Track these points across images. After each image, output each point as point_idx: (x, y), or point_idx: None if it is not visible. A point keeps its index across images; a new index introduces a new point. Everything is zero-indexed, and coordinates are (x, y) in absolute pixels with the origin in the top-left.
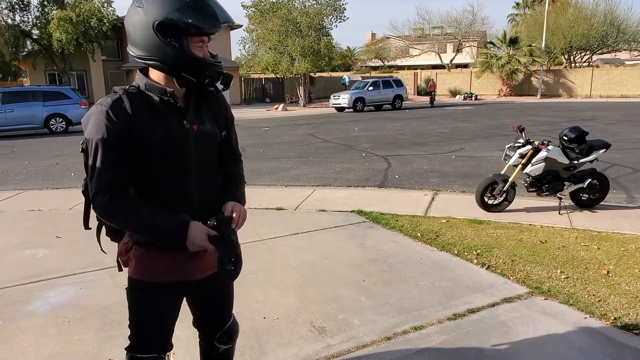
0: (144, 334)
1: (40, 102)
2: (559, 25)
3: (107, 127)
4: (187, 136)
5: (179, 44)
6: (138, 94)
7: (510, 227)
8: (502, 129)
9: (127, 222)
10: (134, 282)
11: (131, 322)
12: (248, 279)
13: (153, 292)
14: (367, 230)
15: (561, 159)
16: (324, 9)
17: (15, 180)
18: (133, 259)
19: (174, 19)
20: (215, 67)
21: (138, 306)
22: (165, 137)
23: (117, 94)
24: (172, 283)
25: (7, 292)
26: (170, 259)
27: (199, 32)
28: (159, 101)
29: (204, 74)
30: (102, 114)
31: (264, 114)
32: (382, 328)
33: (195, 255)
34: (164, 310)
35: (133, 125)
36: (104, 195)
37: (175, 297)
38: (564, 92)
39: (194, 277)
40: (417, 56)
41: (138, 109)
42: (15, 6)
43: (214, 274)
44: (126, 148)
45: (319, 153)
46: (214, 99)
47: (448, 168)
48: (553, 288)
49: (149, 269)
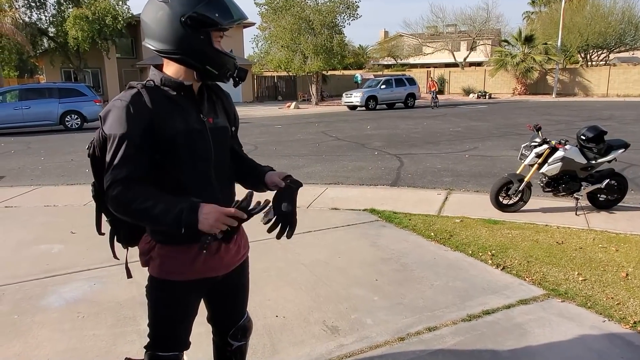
0: (166, 332)
1: (56, 99)
2: (575, 23)
3: (128, 121)
4: (205, 129)
5: (207, 38)
6: (155, 88)
7: (525, 227)
8: (517, 128)
9: (138, 210)
10: (157, 282)
11: (152, 321)
12: (261, 277)
13: (178, 291)
14: (380, 229)
15: (579, 158)
16: (337, 7)
17: (32, 176)
18: (157, 257)
19: (203, 13)
20: (234, 60)
21: (162, 305)
22: (186, 130)
23: (135, 89)
24: (196, 280)
25: (24, 286)
26: (195, 256)
27: (221, 27)
28: (177, 95)
29: (225, 67)
30: (123, 108)
31: (276, 111)
32: (395, 328)
33: (217, 252)
34: (187, 308)
35: (154, 120)
36: (116, 187)
37: (199, 295)
38: (580, 91)
39: (217, 273)
40: (430, 54)
41: (157, 103)
42: (32, 4)
43: (233, 270)
44: (147, 142)
45: (331, 151)
46: (223, 96)
47: (462, 167)
48: (570, 290)
49: (174, 268)
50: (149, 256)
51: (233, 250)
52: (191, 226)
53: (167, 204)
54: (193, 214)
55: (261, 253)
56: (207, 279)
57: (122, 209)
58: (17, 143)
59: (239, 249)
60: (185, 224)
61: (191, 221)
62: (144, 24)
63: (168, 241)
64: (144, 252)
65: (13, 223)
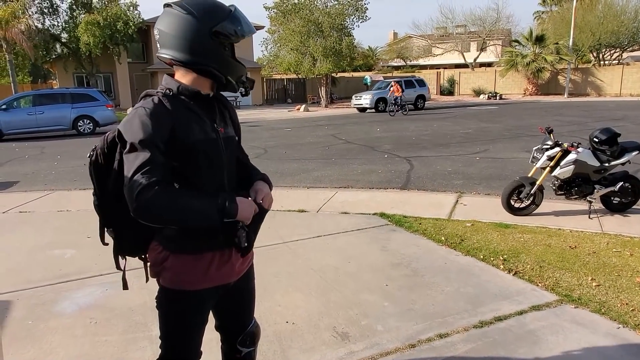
0: (180, 343)
1: (69, 104)
2: (587, 22)
3: (153, 128)
4: (219, 138)
5: (230, 50)
6: (173, 97)
7: (538, 231)
8: (528, 130)
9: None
10: (171, 292)
11: (165, 333)
12: (270, 282)
13: (193, 300)
14: (390, 233)
15: (591, 161)
16: (346, 9)
17: (45, 180)
18: (170, 268)
19: (229, 27)
20: (245, 69)
21: (176, 316)
22: (204, 139)
23: (155, 97)
24: (210, 289)
25: (37, 292)
26: (207, 264)
27: (236, 40)
28: (194, 104)
29: (241, 77)
30: (148, 115)
31: (286, 114)
32: (406, 335)
33: (229, 259)
34: (202, 318)
35: (176, 127)
36: (150, 189)
37: (212, 303)
38: (593, 91)
39: (230, 280)
40: (440, 55)
41: (178, 111)
42: (45, 11)
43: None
44: (169, 149)
45: (341, 154)
46: (229, 105)
47: (472, 170)
48: (584, 296)
49: (189, 277)
50: (161, 267)
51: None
52: (231, 214)
53: (208, 197)
54: (233, 202)
55: (271, 258)
56: (220, 286)
57: (159, 210)
58: (31, 148)
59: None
60: (228, 212)
61: (232, 209)
62: (163, 35)
63: (182, 250)
64: (155, 262)
65: (27, 228)
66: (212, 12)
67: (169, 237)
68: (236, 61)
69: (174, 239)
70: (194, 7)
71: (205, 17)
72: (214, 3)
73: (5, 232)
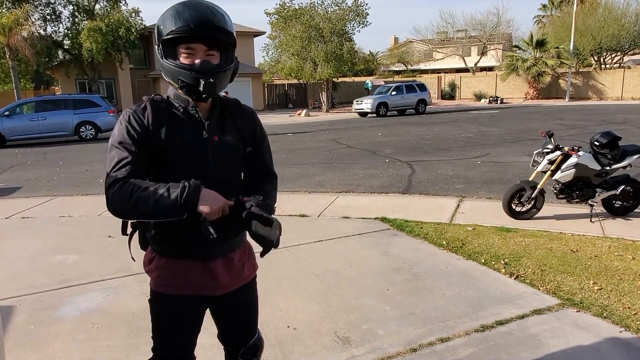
0: (165, 346)
1: (71, 110)
2: (587, 26)
3: (127, 130)
4: (205, 146)
5: (161, 52)
6: (164, 102)
7: (539, 235)
8: (529, 133)
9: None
10: (155, 294)
11: (153, 333)
12: (272, 287)
13: (173, 305)
14: (391, 237)
15: (592, 165)
16: (347, 15)
17: (47, 186)
18: (155, 269)
19: (160, 26)
20: (190, 73)
21: (159, 318)
22: (181, 144)
23: (143, 102)
24: (190, 297)
25: (40, 297)
26: (188, 272)
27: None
28: (183, 111)
29: (177, 80)
30: (125, 119)
31: (287, 119)
32: (407, 339)
33: (212, 272)
34: (185, 323)
35: (151, 130)
36: (115, 184)
37: (196, 311)
38: (594, 95)
39: (212, 293)
40: (440, 60)
41: (160, 115)
42: (48, 17)
43: (236, 290)
44: (144, 150)
45: (342, 159)
46: (241, 113)
47: (473, 174)
48: (585, 300)
49: (169, 281)
50: (149, 267)
51: (234, 270)
52: (192, 203)
53: (170, 185)
54: (196, 191)
55: (272, 263)
56: (202, 297)
57: (122, 202)
58: (33, 154)
59: (241, 270)
60: (187, 200)
61: (193, 198)
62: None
63: (166, 252)
64: (145, 262)
65: (30, 234)
66: (160, 25)
67: (153, 238)
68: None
69: (156, 240)
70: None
71: (156, 32)
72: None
73: (8, 238)
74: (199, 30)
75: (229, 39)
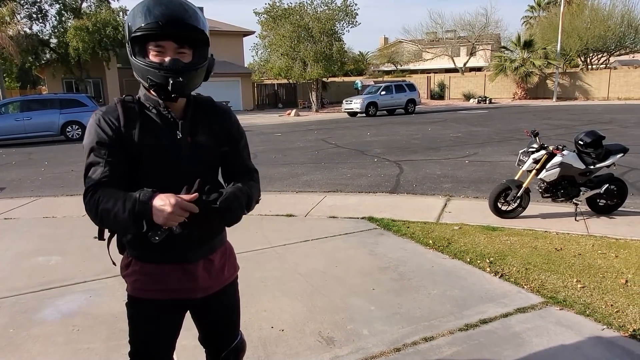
0: (142, 350)
1: (57, 109)
2: (574, 27)
3: (97, 132)
4: (178, 147)
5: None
6: (136, 103)
7: (524, 234)
8: (517, 133)
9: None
10: (131, 299)
11: (130, 338)
12: (257, 287)
13: (150, 309)
14: (378, 237)
15: (577, 164)
16: (336, 14)
17: (32, 187)
18: (131, 274)
19: (129, 23)
20: (158, 72)
21: (136, 322)
22: (155, 145)
23: (112, 104)
24: (168, 301)
25: (20, 299)
26: (166, 276)
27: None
28: (155, 112)
29: (147, 79)
30: (95, 122)
31: (277, 119)
32: (391, 339)
33: (191, 274)
34: (163, 327)
35: (123, 132)
36: (88, 193)
37: (174, 315)
38: (581, 95)
39: (193, 296)
40: (430, 60)
41: (131, 117)
42: (34, 16)
43: (216, 292)
44: (116, 153)
45: (331, 158)
46: (214, 112)
47: (461, 173)
48: (569, 298)
49: (146, 286)
50: (126, 272)
51: (214, 272)
52: (144, 215)
53: (125, 199)
54: (146, 205)
55: (258, 263)
56: (180, 300)
57: (92, 214)
58: (18, 154)
59: (222, 271)
60: (138, 214)
61: (144, 210)
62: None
63: (143, 258)
64: (122, 267)
65: (12, 235)
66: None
67: (129, 243)
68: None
69: (132, 245)
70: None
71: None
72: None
73: None
74: (168, 27)
75: (201, 36)
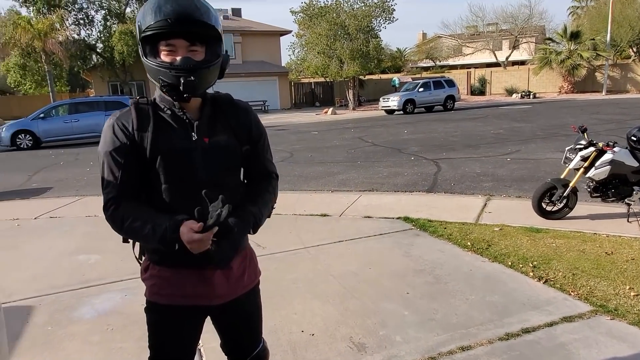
0: (161, 356)
1: (103, 111)
2: (626, 16)
3: (112, 139)
4: (194, 149)
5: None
6: (150, 105)
7: (571, 236)
8: (563, 129)
9: (130, 229)
10: (150, 304)
11: (149, 343)
12: (288, 289)
13: (169, 314)
14: (414, 238)
15: (629, 161)
16: (372, 11)
17: (77, 186)
18: (149, 278)
19: (139, 22)
20: (169, 71)
21: (154, 328)
22: (169, 149)
23: (127, 107)
24: (185, 307)
25: (60, 297)
26: (183, 281)
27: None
28: (169, 113)
29: (159, 79)
30: (110, 127)
31: (313, 118)
32: (426, 347)
33: (209, 281)
34: (181, 333)
35: (138, 136)
36: (110, 206)
37: (192, 321)
38: (633, 88)
39: (209, 302)
40: (470, 55)
41: (145, 120)
42: (81, 22)
43: (235, 299)
44: (132, 159)
45: (367, 157)
46: (234, 111)
47: (502, 171)
48: (621, 306)
49: (163, 291)
50: (144, 276)
51: (232, 279)
52: (175, 242)
53: (154, 224)
54: (174, 233)
55: (291, 264)
56: (198, 306)
57: (117, 228)
58: (66, 155)
59: (241, 278)
60: (169, 243)
61: (173, 239)
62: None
63: (160, 262)
64: (141, 271)
65: (55, 233)
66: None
67: (147, 247)
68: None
69: (153, 249)
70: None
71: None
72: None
73: (35, 238)
74: (177, 24)
75: (213, 32)
